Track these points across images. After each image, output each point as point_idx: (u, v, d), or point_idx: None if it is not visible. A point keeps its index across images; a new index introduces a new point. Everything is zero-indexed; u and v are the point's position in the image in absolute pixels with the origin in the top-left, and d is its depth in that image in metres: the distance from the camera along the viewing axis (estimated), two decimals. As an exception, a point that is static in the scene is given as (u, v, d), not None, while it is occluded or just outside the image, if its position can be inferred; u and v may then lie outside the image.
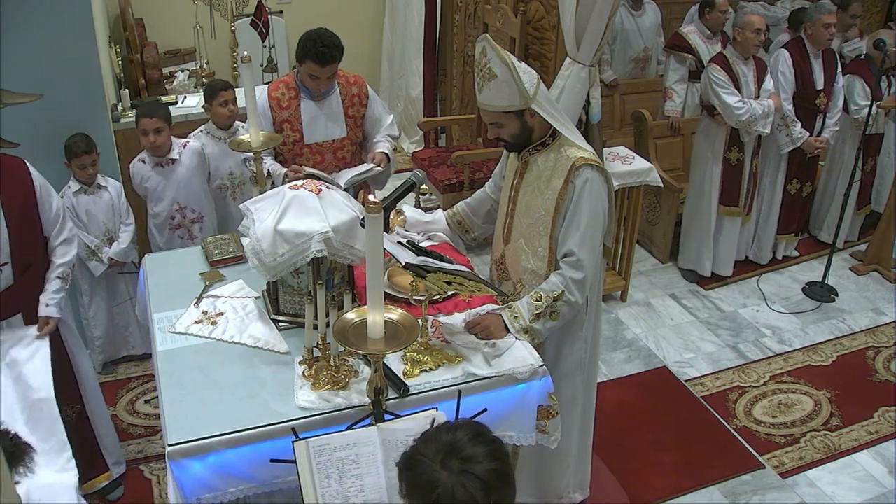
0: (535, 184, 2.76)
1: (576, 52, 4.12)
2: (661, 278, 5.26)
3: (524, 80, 2.58)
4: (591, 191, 2.66)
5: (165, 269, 3.05)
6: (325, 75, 3.53)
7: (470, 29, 5.86)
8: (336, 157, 3.74)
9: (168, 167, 3.95)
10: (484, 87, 2.63)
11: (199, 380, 2.45)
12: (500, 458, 1.60)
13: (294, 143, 3.67)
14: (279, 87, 3.67)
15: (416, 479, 1.56)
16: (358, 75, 3.82)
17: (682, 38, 5.64)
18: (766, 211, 5.29)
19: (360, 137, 3.82)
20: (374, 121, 3.80)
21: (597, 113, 4.25)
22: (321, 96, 3.65)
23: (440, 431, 1.64)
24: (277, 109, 3.64)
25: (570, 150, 2.70)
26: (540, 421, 2.61)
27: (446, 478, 1.54)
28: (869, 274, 5.38)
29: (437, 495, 1.53)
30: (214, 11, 6.01)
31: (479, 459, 1.56)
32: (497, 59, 2.57)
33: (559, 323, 2.70)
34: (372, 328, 2.06)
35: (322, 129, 3.69)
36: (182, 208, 4.00)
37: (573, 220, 2.67)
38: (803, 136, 4.99)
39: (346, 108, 3.70)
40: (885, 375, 4.43)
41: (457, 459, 1.56)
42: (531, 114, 2.66)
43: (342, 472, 2.02)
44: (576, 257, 2.66)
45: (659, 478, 3.64)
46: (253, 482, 2.26)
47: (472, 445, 1.59)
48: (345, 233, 2.53)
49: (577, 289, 2.66)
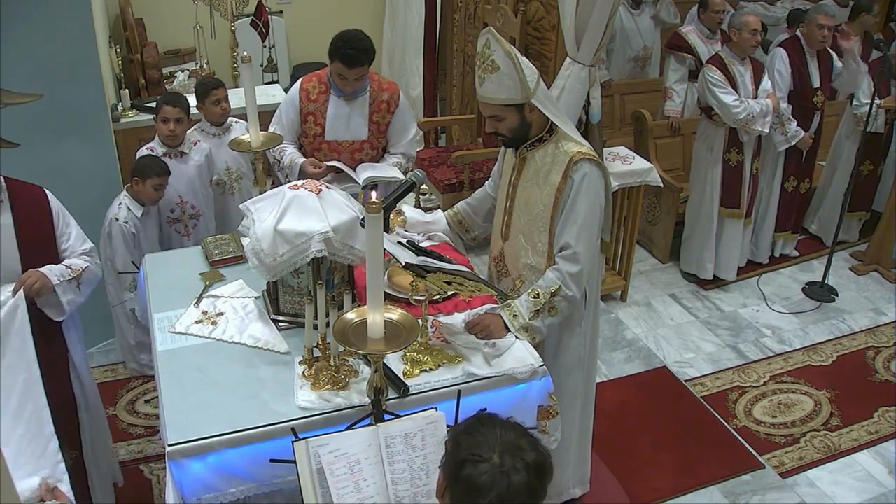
0: (534, 179, 2.77)
1: (576, 52, 4.12)
2: (661, 278, 5.26)
3: (526, 73, 2.60)
4: (589, 185, 2.68)
5: (165, 269, 3.05)
6: (352, 77, 3.58)
7: (470, 29, 5.86)
8: (353, 158, 3.76)
9: (177, 159, 3.97)
10: (486, 80, 2.64)
11: (199, 380, 2.45)
12: (541, 449, 1.63)
13: (315, 137, 3.73)
14: (312, 80, 3.75)
15: (474, 479, 1.55)
16: (393, 82, 3.86)
17: (681, 38, 5.65)
18: (763, 209, 5.30)
19: (382, 143, 3.83)
20: (397, 131, 3.81)
21: (597, 113, 4.25)
22: (350, 96, 3.68)
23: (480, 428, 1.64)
24: (306, 101, 3.71)
25: (568, 145, 2.72)
26: (540, 421, 2.62)
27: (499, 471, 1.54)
28: (869, 274, 5.38)
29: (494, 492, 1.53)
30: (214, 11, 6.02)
31: (527, 450, 1.58)
32: (501, 52, 2.59)
33: (558, 319, 2.71)
34: (372, 328, 2.06)
35: (344, 128, 3.73)
36: (183, 202, 4.02)
37: (570, 214, 2.69)
38: (798, 134, 5.00)
39: (371, 112, 3.72)
40: (885, 375, 4.43)
41: (510, 450, 1.57)
42: (530, 108, 2.67)
43: (342, 472, 2.02)
44: (572, 250, 2.68)
45: (659, 478, 3.64)
46: (253, 482, 2.26)
47: (518, 437, 1.60)
48: (345, 233, 2.53)
49: (574, 282, 2.68)
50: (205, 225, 4.13)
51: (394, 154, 3.83)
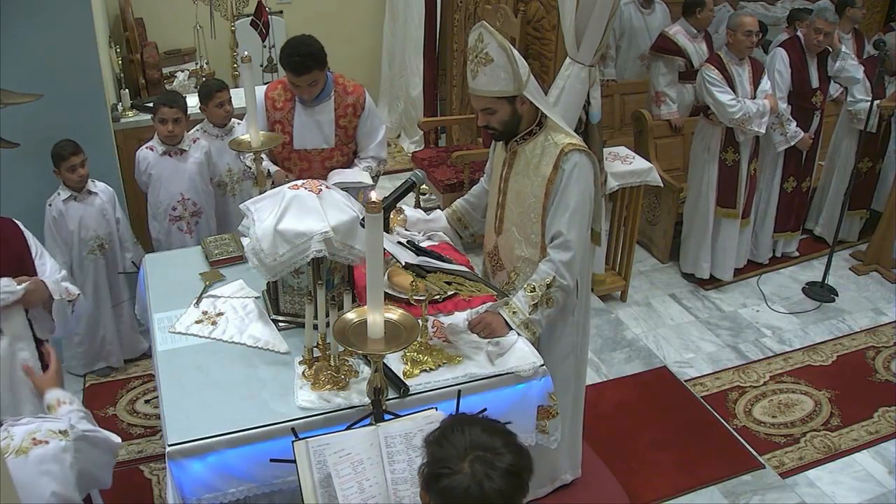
0: (524, 172, 2.80)
1: (576, 52, 4.12)
2: (661, 278, 5.26)
3: (519, 65, 2.64)
4: (579, 175, 2.71)
5: (165, 269, 3.05)
6: (304, 83, 3.45)
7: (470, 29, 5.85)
8: (324, 166, 3.69)
9: (176, 157, 3.98)
10: (479, 73, 2.67)
11: (199, 380, 2.45)
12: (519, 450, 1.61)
13: (284, 146, 3.64)
14: (277, 87, 3.66)
15: (448, 493, 1.53)
16: (359, 84, 3.76)
17: (669, 41, 5.50)
18: (763, 209, 5.29)
19: (352, 148, 3.75)
20: (365, 134, 3.72)
21: (597, 113, 4.24)
22: (313, 103, 3.60)
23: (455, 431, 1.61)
24: (272, 110, 3.63)
25: (558, 137, 2.75)
26: (540, 421, 2.63)
27: (470, 475, 1.52)
28: (869, 274, 5.38)
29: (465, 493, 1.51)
30: (214, 11, 6.02)
31: (500, 451, 1.56)
32: (495, 44, 2.62)
33: (556, 309, 2.76)
34: (372, 328, 2.06)
35: (311, 136, 3.64)
36: (185, 200, 4.02)
37: (561, 202, 2.72)
38: (798, 135, 4.99)
39: (337, 117, 3.64)
40: (885, 375, 4.43)
41: (480, 456, 1.54)
42: (522, 101, 2.70)
43: (346, 473, 2.02)
44: (563, 238, 2.71)
45: (659, 478, 3.64)
46: (253, 482, 2.26)
47: (490, 438, 1.58)
48: (345, 233, 2.53)
49: (567, 270, 2.72)
50: (206, 222, 4.13)
51: (363, 159, 3.75)
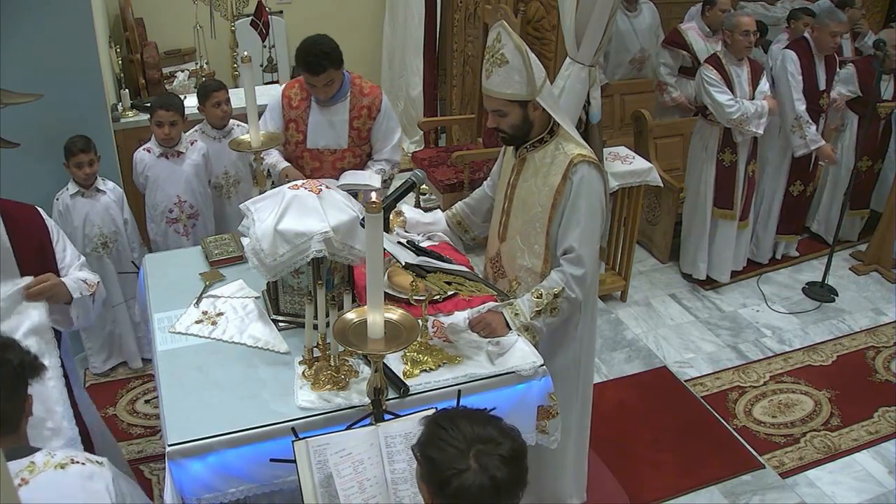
0: (532, 180, 2.77)
1: (576, 52, 4.12)
2: (661, 278, 5.26)
3: (535, 70, 2.61)
4: (588, 187, 2.67)
5: (165, 270, 3.05)
6: (320, 83, 3.50)
7: (470, 29, 5.86)
8: (334, 167, 3.70)
9: (173, 159, 3.98)
10: (493, 73, 2.64)
11: (199, 380, 2.45)
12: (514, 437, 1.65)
13: (297, 145, 3.68)
14: (294, 86, 3.70)
15: (463, 492, 1.57)
16: (376, 86, 3.77)
17: (679, 35, 5.64)
18: (766, 211, 5.29)
19: (365, 150, 3.76)
20: (379, 137, 3.74)
21: (597, 113, 4.24)
22: (329, 102, 3.63)
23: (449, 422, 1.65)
24: (287, 108, 3.67)
25: (568, 147, 2.72)
26: (540, 421, 2.61)
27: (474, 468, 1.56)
28: (869, 274, 5.38)
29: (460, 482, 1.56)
30: (214, 11, 6.01)
31: (498, 440, 1.60)
32: (512, 46, 2.59)
33: (559, 319, 2.72)
34: (372, 328, 2.06)
35: (324, 136, 3.67)
36: (182, 202, 4.01)
37: (572, 217, 2.68)
38: (818, 141, 4.96)
39: (352, 118, 3.66)
40: (885, 375, 4.43)
41: (482, 449, 1.58)
42: (534, 107, 2.67)
43: (347, 473, 2.02)
44: (576, 253, 2.67)
45: (659, 478, 3.64)
46: (253, 482, 2.26)
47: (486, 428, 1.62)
48: (345, 233, 2.53)
49: (578, 285, 2.68)
50: (203, 225, 4.12)
51: (377, 161, 3.76)
